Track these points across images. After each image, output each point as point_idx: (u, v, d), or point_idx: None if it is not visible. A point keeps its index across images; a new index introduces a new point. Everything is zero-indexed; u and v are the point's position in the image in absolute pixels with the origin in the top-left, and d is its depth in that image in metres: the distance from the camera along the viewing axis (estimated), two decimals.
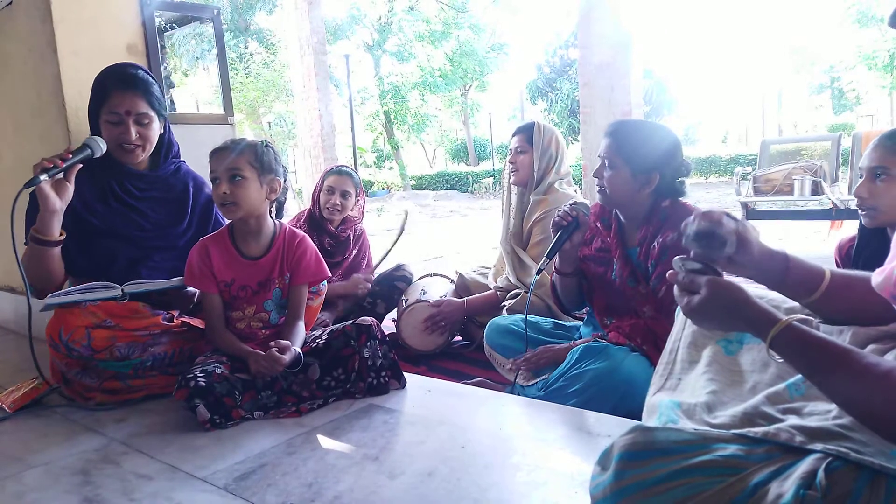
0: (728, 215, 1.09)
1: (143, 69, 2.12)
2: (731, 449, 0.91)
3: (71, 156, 1.90)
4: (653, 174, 1.85)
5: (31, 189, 1.84)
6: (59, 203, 1.88)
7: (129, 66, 2.12)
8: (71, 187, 1.91)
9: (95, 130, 2.06)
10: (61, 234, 1.94)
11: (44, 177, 1.83)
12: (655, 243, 1.85)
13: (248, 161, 1.87)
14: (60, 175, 1.89)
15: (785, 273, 1.11)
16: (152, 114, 2.05)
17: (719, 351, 1.23)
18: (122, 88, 2.00)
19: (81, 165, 1.94)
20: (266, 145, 1.94)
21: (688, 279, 1.04)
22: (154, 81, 2.10)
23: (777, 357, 0.94)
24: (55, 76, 2.39)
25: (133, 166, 2.10)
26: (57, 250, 1.94)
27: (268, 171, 1.90)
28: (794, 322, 0.93)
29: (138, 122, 2.02)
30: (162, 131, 2.14)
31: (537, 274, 2.04)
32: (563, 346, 1.97)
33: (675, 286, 1.06)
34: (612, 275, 1.96)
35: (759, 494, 0.84)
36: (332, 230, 2.88)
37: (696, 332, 1.28)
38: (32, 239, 1.90)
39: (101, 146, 1.98)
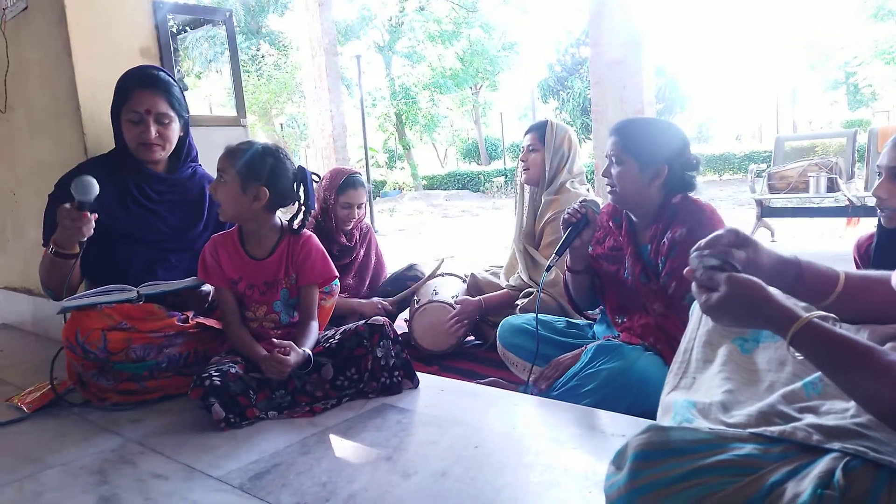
0: (737, 238, 1.09)
1: (164, 71, 2.16)
2: (747, 448, 0.90)
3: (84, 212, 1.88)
4: (661, 167, 1.85)
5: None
6: (86, 234, 1.89)
7: (150, 67, 2.16)
8: (91, 224, 1.89)
9: (117, 132, 2.10)
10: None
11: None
12: (665, 239, 1.84)
13: (232, 164, 1.87)
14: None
15: (798, 279, 1.11)
16: (172, 114, 2.07)
17: (735, 350, 1.22)
18: (142, 88, 2.04)
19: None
20: (265, 152, 1.90)
21: (706, 276, 1.03)
22: (175, 83, 2.13)
23: (797, 354, 0.93)
24: (70, 80, 2.41)
25: (152, 167, 2.12)
26: (74, 261, 1.96)
27: (252, 179, 1.87)
28: (815, 319, 0.92)
29: (158, 121, 2.05)
30: (182, 134, 2.17)
31: (547, 270, 2.03)
32: (575, 353, 1.96)
33: (694, 283, 1.05)
34: (625, 273, 1.95)
35: (775, 494, 0.84)
36: (342, 240, 2.87)
37: (712, 331, 1.27)
38: (54, 252, 1.91)
39: (90, 190, 1.87)
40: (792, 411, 1.01)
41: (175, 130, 2.11)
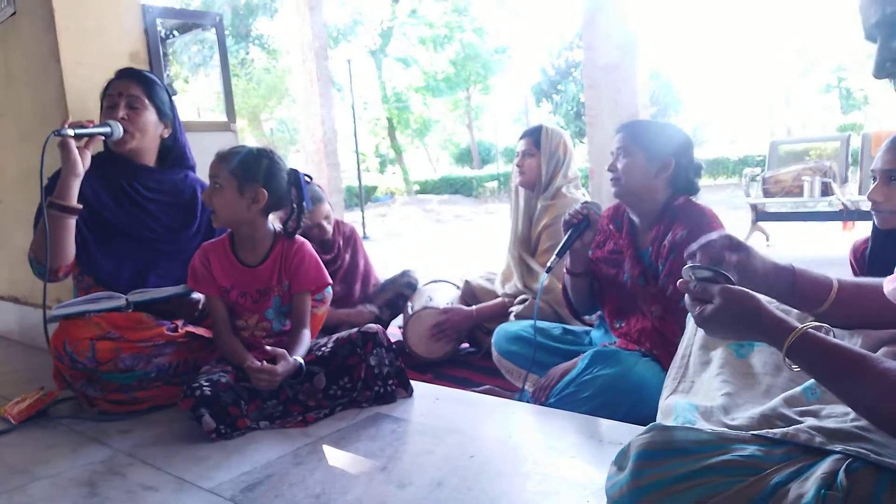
0: (730, 242, 1.08)
1: (150, 73, 2.18)
2: (750, 449, 0.91)
3: (93, 124, 1.93)
4: (668, 159, 1.87)
5: (57, 139, 1.84)
6: (80, 167, 1.88)
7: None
8: (88, 158, 1.92)
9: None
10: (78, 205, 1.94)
11: (70, 131, 1.85)
12: (666, 241, 1.84)
13: (227, 169, 1.85)
14: (80, 143, 1.90)
15: (792, 287, 1.12)
16: (145, 101, 2.06)
17: (731, 354, 1.23)
18: (119, 78, 2.08)
19: (103, 138, 1.97)
20: (259, 154, 1.90)
21: (699, 288, 1.02)
22: (156, 81, 2.13)
23: (793, 366, 0.93)
24: (58, 85, 2.39)
25: (139, 161, 2.10)
26: (72, 222, 1.92)
27: (249, 181, 1.86)
28: (810, 329, 0.92)
29: (129, 104, 2.04)
30: (166, 136, 2.15)
31: (547, 272, 2.01)
32: (572, 362, 1.95)
33: (686, 295, 1.04)
34: (624, 276, 1.94)
35: (778, 494, 0.84)
36: (324, 256, 2.84)
37: (707, 335, 1.26)
38: (51, 205, 1.88)
39: (119, 130, 1.99)
40: (793, 414, 1.02)
41: (148, 119, 2.08)
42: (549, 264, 1.98)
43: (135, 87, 2.05)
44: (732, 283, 1.02)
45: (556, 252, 1.96)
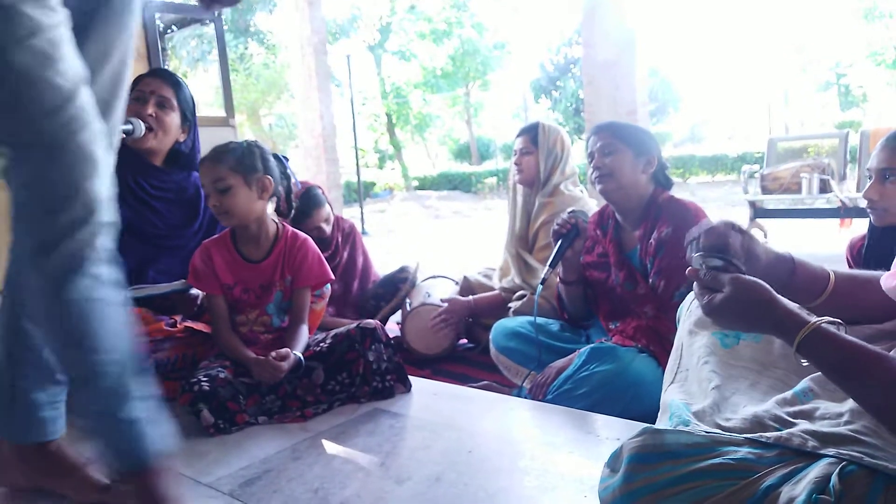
0: (733, 227, 1.08)
1: (179, 76, 2.23)
2: (742, 452, 0.90)
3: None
4: (652, 156, 1.93)
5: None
6: None
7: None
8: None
9: None
10: None
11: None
12: (652, 239, 1.85)
13: (229, 168, 1.84)
14: None
15: (791, 277, 1.10)
16: (174, 102, 2.10)
17: (716, 343, 1.21)
18: (152, 76, 2.12)
19: (124, 135, 1.96)
20: (249, 145, 1.91)
21: (710, 276, 1.01)
22: (186, 87, 2.17)
23: (803, 361, 0.92)
24: None
25: (148, 158, 2.11)
26: None
27: (252, 172, 1.87)
28: (823, 325, 0.91)
29: (159, 104, 2.07)
30: (182, 140, 2.17)
31: (541, 283, 2.03)
32: (569, 357, 1.96)
33: (695, 284, 1.03)
34: (614, 280, 1.96)
35: (770, 498, 0.83)
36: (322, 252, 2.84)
37: (695, 322, 1.26)
38: None
39: (141, 128, 2.01)
40: (786, 415, 1.01)
41: (174, 121, 2.11)
42: (543, 276, 2.00)
43: (167, 87, 2.09)
44: (743, 272, 1.00)
45: (548, 263, 1.98)
